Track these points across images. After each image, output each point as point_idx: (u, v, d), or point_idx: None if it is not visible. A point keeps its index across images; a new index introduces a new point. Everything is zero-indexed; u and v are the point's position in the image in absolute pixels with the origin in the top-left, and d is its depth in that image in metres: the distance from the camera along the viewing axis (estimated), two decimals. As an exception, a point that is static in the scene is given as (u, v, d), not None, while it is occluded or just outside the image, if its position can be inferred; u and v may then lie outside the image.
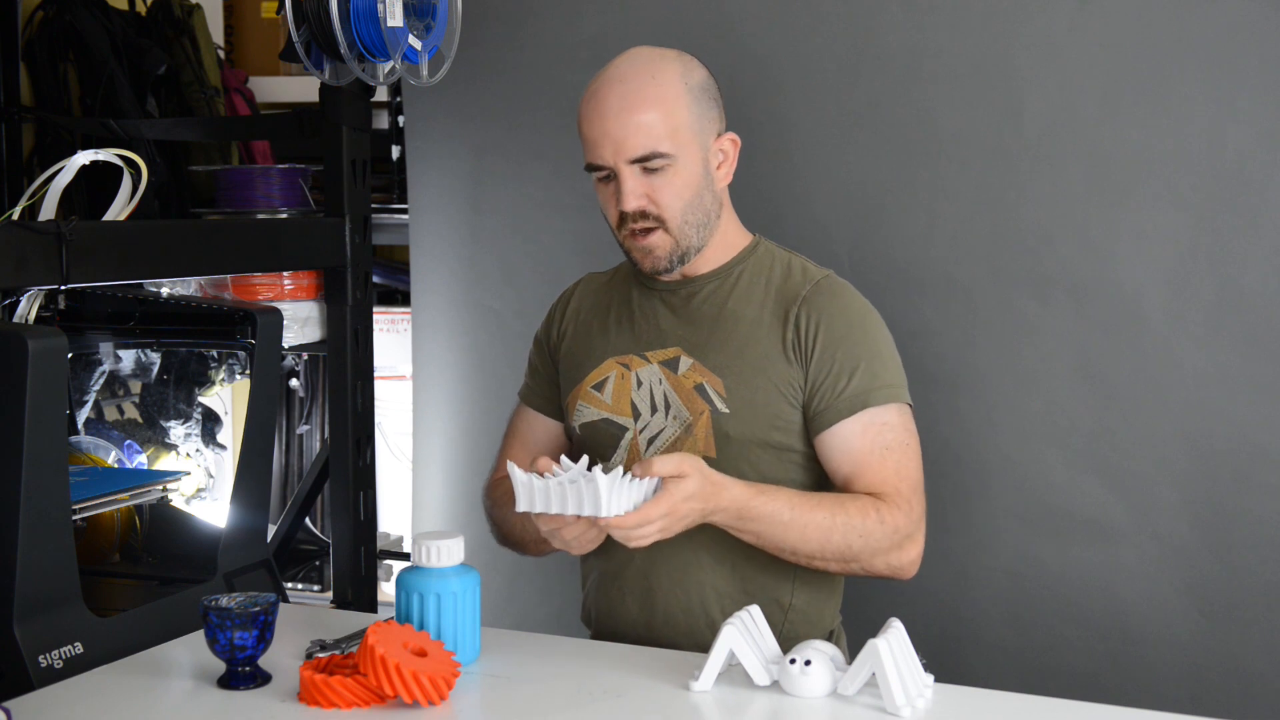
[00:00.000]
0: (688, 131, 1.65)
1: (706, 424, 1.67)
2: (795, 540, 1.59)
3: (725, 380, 1.67)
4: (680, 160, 1.65)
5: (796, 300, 1.70)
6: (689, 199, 1.67)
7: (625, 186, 1.64)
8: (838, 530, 1.59)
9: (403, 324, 2.89)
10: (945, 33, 2.08)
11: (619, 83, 1.65)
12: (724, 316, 1.71)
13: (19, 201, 1.88)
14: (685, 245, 1.69)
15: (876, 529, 1.60)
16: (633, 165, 1.64)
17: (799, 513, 1.58)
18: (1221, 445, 1.96)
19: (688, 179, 1.66)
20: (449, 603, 1.50)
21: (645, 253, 1.69)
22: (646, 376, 1.72)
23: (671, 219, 1.66)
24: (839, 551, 1.60)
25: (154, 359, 2.33)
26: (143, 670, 1.56)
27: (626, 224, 1.67)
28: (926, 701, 1.42)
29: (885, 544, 1.61)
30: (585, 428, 1.75)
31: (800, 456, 1.70)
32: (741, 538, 1.60)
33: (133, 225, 1.89)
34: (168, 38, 2.66)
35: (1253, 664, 1.97)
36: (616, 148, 1.63)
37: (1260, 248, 1.92)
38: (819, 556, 1.60)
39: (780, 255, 1.77)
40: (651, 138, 1.63)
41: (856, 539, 1.59)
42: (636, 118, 1.63)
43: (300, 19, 1.93)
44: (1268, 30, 1.89)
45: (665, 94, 1.64)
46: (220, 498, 2.42)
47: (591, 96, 1.67)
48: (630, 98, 1.63)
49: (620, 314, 1.79)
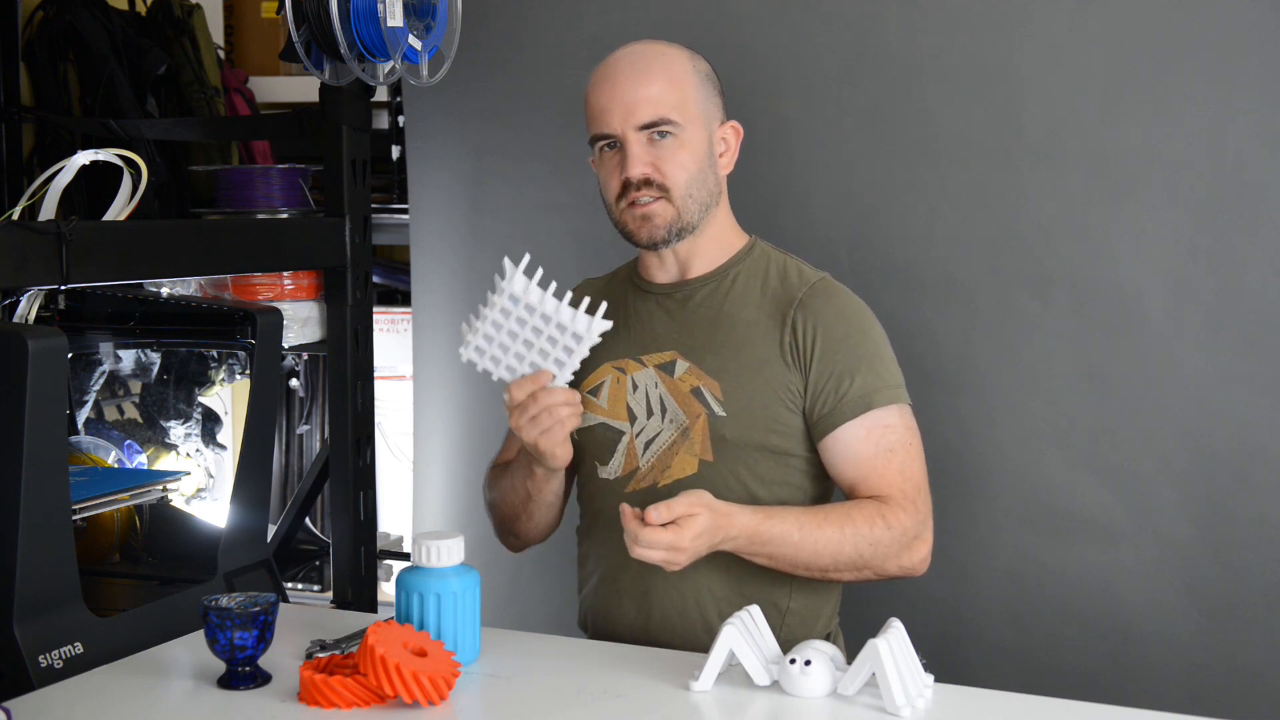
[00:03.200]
0: (695, 108, 1.69)
1: (703, 427, 1.67)
2: (808, 558, 1.61)
3: (722, 383, 1.67)
4: (687, 132, 1.68)
5: (793, 304, 1.70)
6: (694, 172, 1.69)
7: (631, 152, 1.67)
8: (848, 542, 1.61)
9: (403, 324, 2.88)
10: (945, 33, 2.08)
11: (630, 56, 1.70)
12: (720, 320, 1.71)
13: (19, 201, 1.88)
14: (686, 219, 1.70)
15: (884, 535, 1.62)
16: (640, 133, 1.67)
17: (808, 531, 1.60)
18: (1221, 445, 1.96)
19: (693, 152, 1.69)
20: (449, 603, 1.50)
21: (643, 221, 1.69)
22: (642, 380, 1.72)
23: (675, 189, 1.68)
24: (851, 562, 1.62)
25: (154, 359, 2.33)
26: (143, 670, 1.56)
27: (629, 193, 1.68)
28: (926, 701, 1.42)
29: (895, 548, 1.63)
30: (582, 432, 1.75)
31: (798, 460, 1.70)
32: (755, 561, 1.62)
33: (133, 225, 1.89)
34: (168, 38, 2.66)
35: (1253, 664, 1.97)
36: (626, 113, 1.66)
37: (1260, 248, 1.92)
38: (833, 569, 1.62)
39: (776, 257, 1.77)
40: (661, 106, 1.67)
41: (867, 547, 1.61)
42: (647, 86, 1.67)
43: (300, 19, 1.93)
44: (1268, 30, 1.89)
45: (674, 70, 1.69)
46: (220, 498, 2.42)
47: (602, 68, 1.71)
48: (641, 68, 1.68)
49: (616, 318, 1.79)
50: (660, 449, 1.69)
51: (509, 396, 1.63)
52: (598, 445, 1.75)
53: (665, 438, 1.69)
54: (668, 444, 1.69)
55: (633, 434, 1.71)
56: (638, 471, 1.70)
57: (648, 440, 1.70)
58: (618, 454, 1.72)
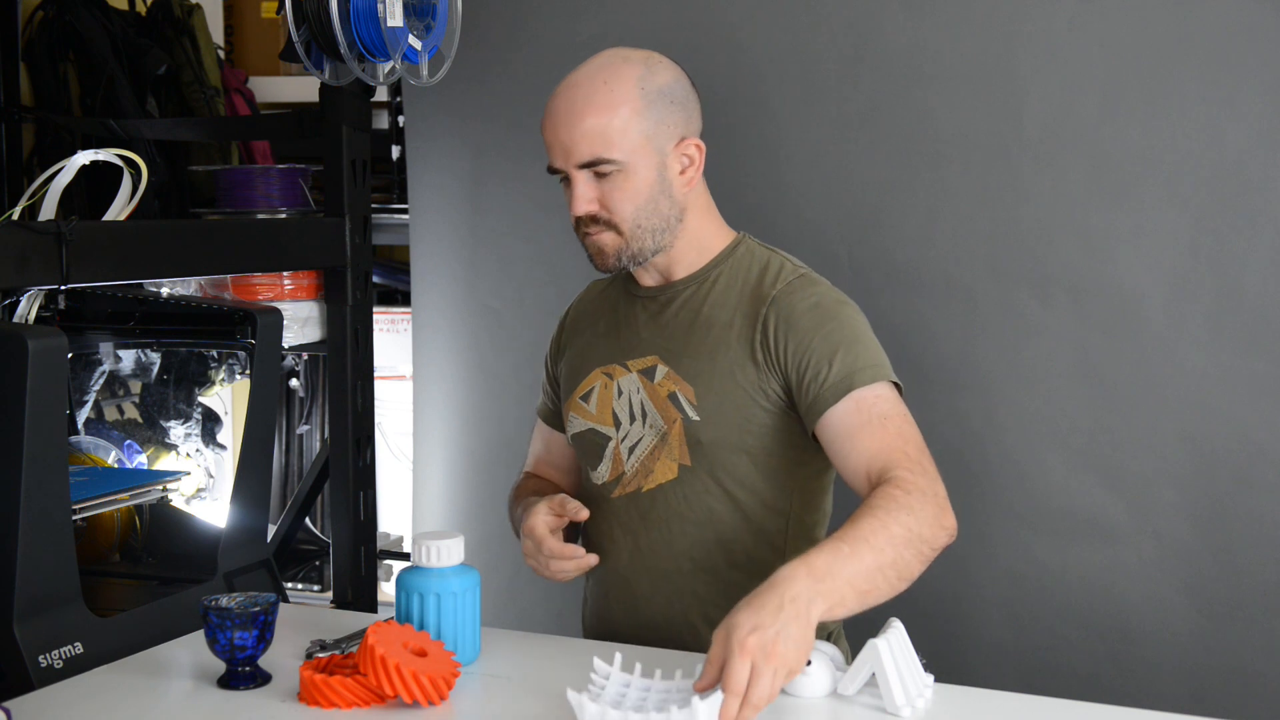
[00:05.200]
0: (638, 137, 1.63)
1: (679, 432, 1.66)
2: (874, 555, 1.44)
3: (696, 388, 1.66)
4: (630, 166, 1.63)
5: (765, 302, 1.67)
6: (640, 204, 1.65)
7: (576, 191, 1.65)
8: (889, 522, 1.47)
9: (403, 324, 2.89)
10: (945, 33, 2.08)
11: (571, 89, 1.65)
12: (698, 323, 1.70)
13: (19, 201, 1.88)
14: (635, 248, 1.68)
15: (906, 499, 1.49)
16: (582, 170, 1.64)
17: (845, 535, 1.45)
18: (1221, 445, 1.96)
19: (639, 184, 1.65)
20: (449, 603, 1.50)
21: (596, 250, 1.69)
22: (626, 386, 1.72)
23: (623, 223, 1.66)
24: (904, 539, 1.47)
25: (154, 359, 2.33)
26: (143, 670, 1.56)
27: (581, 225, 1.68)
28: (926, 701, 1.42)
29: (925, 510, 1.49)
30: (575, 438, 1.76)
31: (779, 461, 1.67)
32: (863, 605, 1.44)
33: (133, 225, 1.89)
34: (168, 38, 2.66)
35: (1253, 664, 1.97)
36: (565, 153, 1.64)
37: (1260, 248, 1.92)
38: (899, 558, 1.46)
39: (760, 255, 1.74)
40: (598, 144, 1.62)
41: (904, 515, 1.47)
42: (583, 124, 1.62)
43: (300, 19, 1.93)
44: (1268, 30, 1.89)
45: (615, 100, 1.63)
46: (220, 498, 2.42)
47: (549, 101, 1.67)
48: (579, 104, 1.63)
49: (608, 323, 1.79)
50: (643, 454, 1.69)
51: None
52: (588, 450, 1.75)
53: (647, 443, 1.69)
54: (649, 449, 1.69)
55: (618, 439, 1.71)
56: (624, 476, 1.71)
57: (631, 445, 1.70)
58: (605, 459, 1.72)
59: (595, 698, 1.36)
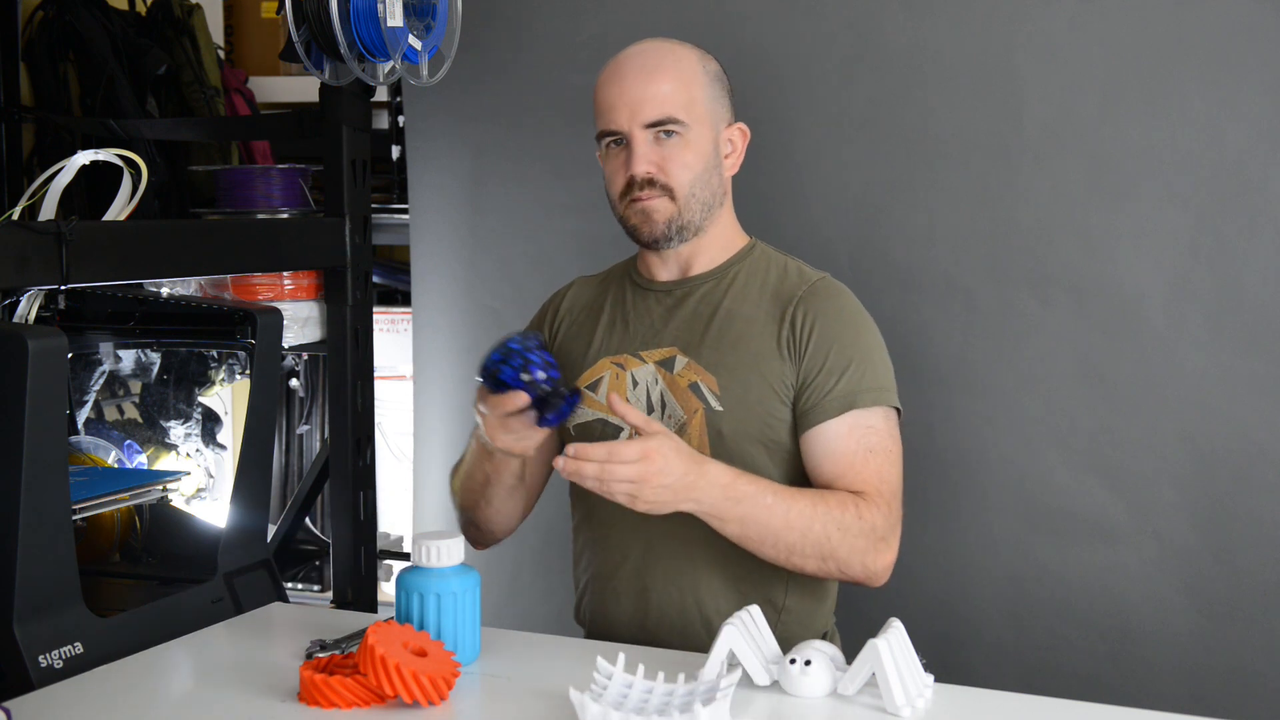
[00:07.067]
0: (702, 108, 1.70)
1: (700, 422, 1.67)
2: (779, 527, 1.56)
3: (719, 378, 1.67)
4: (693, 132, 1.68)
5: (793, 300, 1.70)
6: (699, 172, 1.69)
7: (637, 151, 1.67)
8: (818, 519, 1.57)
9: (403, 324, 2.88)
10: (945, 33, 2.08)
11: (641, 54, 1.71)
12: (719, 315, 1.72)
13: (19, 201, 1.88)
14: (687, 218, 1.70)
15: (855, 523, 1.58)
16: (646, 131, 1.67)
17: (780, 498, 1.56)
18: (1221, 445, 1.96)
19: (699, 152, 1.69)
20: (449, 603, 1.50)
21: (645, 216, 1.69)
22: (642, 376, 1.72)
23: (679, 188, 1.68)
24: (818, 543, 1.57)
25: (154, 359, 2.33)
26: (143, 670, 1.56)
27: (632, 190, 1.68)
28: (926, 701, 1.42)
29: (862, 542, 1.59)
30: (580, 428, 1.75)
31: (790, 455, 1.69)
32: (725, 528, 1.57)
33: (133, 225, 1.89)
34: (168, 38, 2.66)
35: (1253, 664, 1.97)
36: (633, 111, 1.67)
37: (1260, 248, 1.92)
38: (798, 549, 1.57)
39: (777, 258, 1.77)
40: (668, 105, 1.67)
41: (835, 531, 1.57)
42: (655, 84, 1.67)
43: (300, 19, 1.93)
44: (1268, 30, 1.89)
45: (684, 69, 1.69)
46: (220, 498, 2.42)
47: (612, 65, 1.72)
48: (650, 65, 1.69)
49: (614, 314, 1.79)
50: None
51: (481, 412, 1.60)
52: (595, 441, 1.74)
53: None
54: None
55: (632, 430, 1.71)
56: None
57: None
58: None
59: (597, 698, 1.36)
